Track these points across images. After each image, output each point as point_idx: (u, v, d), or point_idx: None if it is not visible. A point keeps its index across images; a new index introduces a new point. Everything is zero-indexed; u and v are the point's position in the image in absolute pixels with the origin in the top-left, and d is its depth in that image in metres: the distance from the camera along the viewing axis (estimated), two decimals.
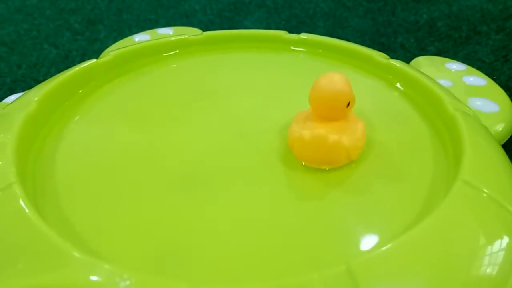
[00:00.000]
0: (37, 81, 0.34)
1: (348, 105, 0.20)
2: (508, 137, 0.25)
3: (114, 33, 0.42)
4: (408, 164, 0.21)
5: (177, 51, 0.29)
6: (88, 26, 0.43)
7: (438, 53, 0.37)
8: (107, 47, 0.36)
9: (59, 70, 0.35)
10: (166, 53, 0.29)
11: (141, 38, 0.34)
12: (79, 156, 0.21)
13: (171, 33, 0.35)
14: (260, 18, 0.44)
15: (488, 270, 0.16)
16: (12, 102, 0.24)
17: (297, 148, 0.20)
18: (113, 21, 0.44)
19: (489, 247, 0.16)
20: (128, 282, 0.14)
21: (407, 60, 0.32)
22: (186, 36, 0.29)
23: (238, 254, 0.16)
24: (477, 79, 0.29)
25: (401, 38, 0.39)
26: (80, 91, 0.25)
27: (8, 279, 0.15)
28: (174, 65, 0.29)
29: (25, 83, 0.34)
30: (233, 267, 0.16)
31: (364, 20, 0.43)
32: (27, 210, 0.16)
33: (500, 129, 0.25)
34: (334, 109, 0.20)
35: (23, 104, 0.22)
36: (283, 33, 0.30)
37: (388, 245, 0.15)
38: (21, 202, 0.16)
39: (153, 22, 0.44)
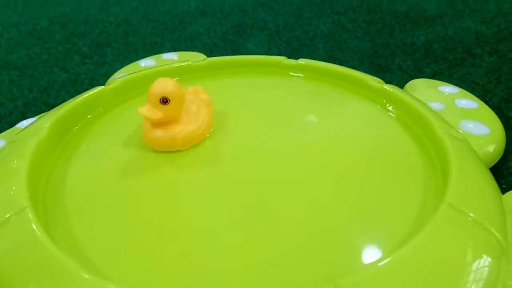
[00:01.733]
0: (48, 104, 0.35)
1: (167, 102, 0.23)
2: (499, 158, 0.26)
3: (121, 56, 0.44)
4: (398, 185, 0.22)
5: (181, 77, 0.31)
6: (96, 50, 0.45)
7: (434, 75, 0.38)
8: (114, 70, 0.38)
9: (69, 93, 0.37)
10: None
11: (146, 63, 0.35)
12: (87, 179, 0.23)
13: (176, 58, 0.36)
14: (262, 41, 0.46)
15: None
16: (24, 128, 0.25)
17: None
18: (120, 44, 0.46)
19: (472, 268, 0.17)
20: None
21: (404, 81, 0.33)
22: (189, 63, 0.31)
23: (233, 272, 0.17)
24: (469, 102, 0.29)
25: (398, 60, 0.41)
26: (88, 116, 0.27)
27: None
28: None
29: (36, 107, 0.35)
30: (228, 283, 0.17)
31: (362, 42, 0.44)
32: (38, 233, 0.17)
33: (491, 150, 0.26)
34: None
35: (34, 130, 0.24)
36: (282, 59, 0.32)
37: (375, 266, 0.16)
38: (33, 226, 0.18)
39: (159, 45, 0.46)
